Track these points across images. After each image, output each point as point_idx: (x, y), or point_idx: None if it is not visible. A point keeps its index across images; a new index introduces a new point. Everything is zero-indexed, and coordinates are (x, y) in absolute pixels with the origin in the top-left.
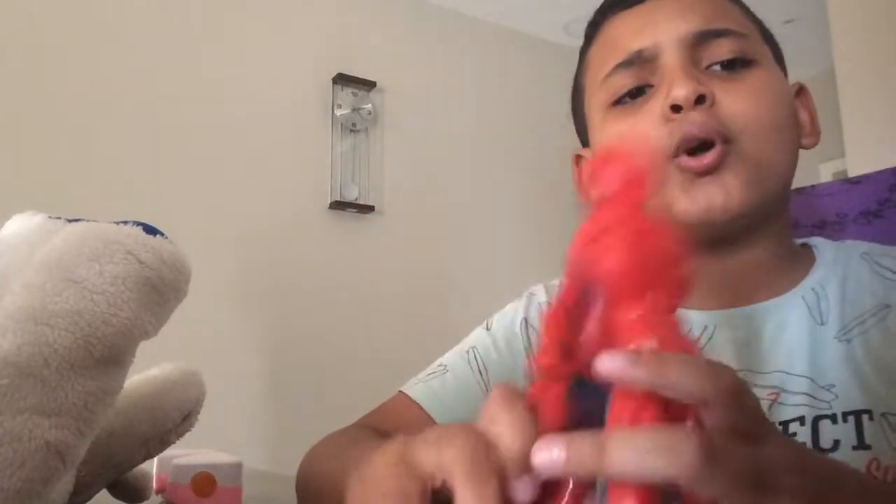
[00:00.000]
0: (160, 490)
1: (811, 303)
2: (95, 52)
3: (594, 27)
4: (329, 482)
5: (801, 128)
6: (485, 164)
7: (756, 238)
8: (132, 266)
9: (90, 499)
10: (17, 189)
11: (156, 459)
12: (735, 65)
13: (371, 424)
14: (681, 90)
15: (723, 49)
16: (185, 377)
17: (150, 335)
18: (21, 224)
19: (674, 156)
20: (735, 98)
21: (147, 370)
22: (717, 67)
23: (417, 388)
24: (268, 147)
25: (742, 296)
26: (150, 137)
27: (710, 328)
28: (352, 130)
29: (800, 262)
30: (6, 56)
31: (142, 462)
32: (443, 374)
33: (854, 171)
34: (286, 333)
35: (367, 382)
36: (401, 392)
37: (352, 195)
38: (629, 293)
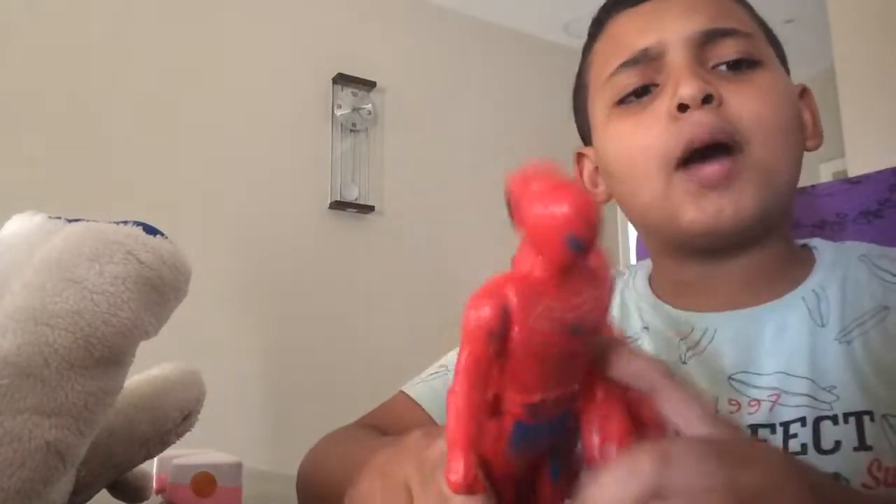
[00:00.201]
0: (160, 490)
1: (811, 304)
2: (95, 52)
3: (598, 25)
4: (330, 483)
5: (805, 129)
6: (485, 164)
7: (759, 243)
8: (132, 266)
9: (90, 499)
10: (17, 189)
11: (156, 459)
12: (741, 65)
13: (372, 424)
14: (688, 89)
15: (729, 49)
16: (185, 377)
17: (150, 335)
18: (21, 224)
19: (681, 159)
20: (743, 99)
21: (147, 370)
22: (724, 67)
23: (418, 388)
24: (268, 147)
25: (743, 298)
26: (151, 137)
27: (711, 330)
28: (352, 130)
29: (800, 264)
30: (6, 56)
31: (142, 462)
32: (444, 375)
33: (854, 171)
34: (286, 333)
35: (367, 382)
36: (401, 392)
37: (352, 195)
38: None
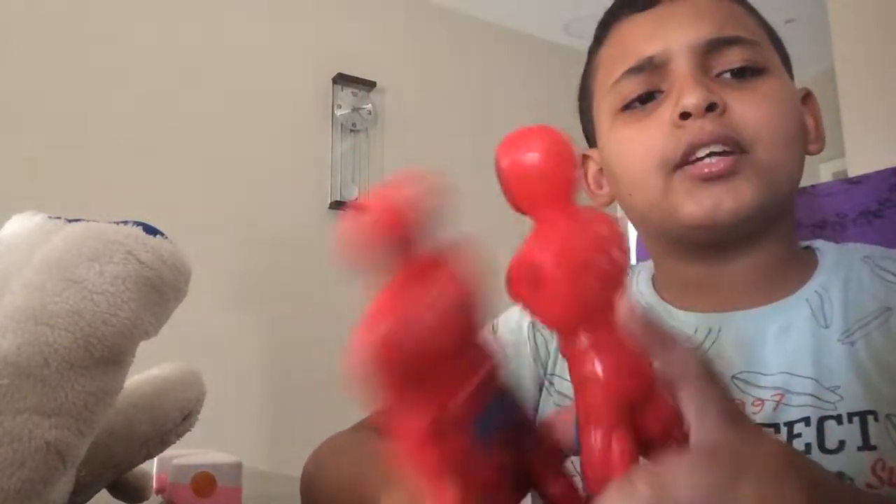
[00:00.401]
0: (160, 490)
1: (815, 306)
2: (96, 52)
3: (604, 28)
4: (334, 491)
5: (808, 134)
6: (485, 164)
7: (761, 243)
8: (132, 266)
9: (90, 499)
10: (18, 189)
11: (156, 459)
12: (745, 73)
13: (376, 424)
14: (691, 98)
15: (734, 57)
16: (185, 377)
17: (150, 335)
18: (21, 224)
19: (681, 160)
20: (747, 107)
21: (147, 370)
22: (728, 75)
23: None
24: (268, 147)
25: (746, 299)
26: (151, 137)
27: (715, 330)
28: (352, 130)
29: (803, 265)
30: (6, 56)
31: (142, 462)
32: None
33: (854, 171)
34: (286, 333)
35: None
36: None
37: (352, 195)
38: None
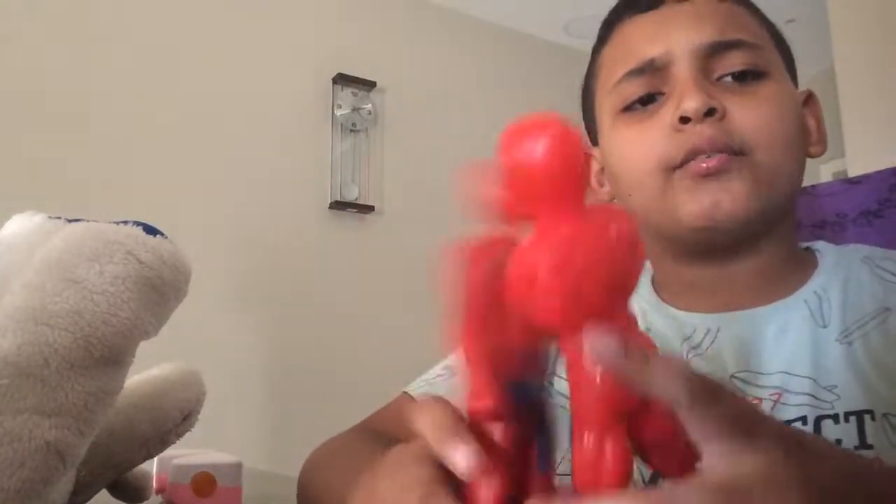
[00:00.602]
0: (160, 490)
1: (813, 306)
2: (96, 52)
3: (607, 28)
4: (323, 494)
5: (809, 136)
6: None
7: (761, 244)
8: (132, 266)
9: (90, 499)
10: (18, 189)
11: (156, 459)
12: (746, 77)
13: (374, 426)
14: (691, 103)
15: (735, 61)
16: (185, 377)
17: (150, 335)
18: (21, 224)
19: (681, 163)
20: (746, 112)
21: (147, 370)
22: (729, 79)
23: (422, 391)
24: (268, 147)
25: (745, 299)
26: (150, 137)
27: (714, 330)
28: (352, 130)
29: (802, 266)
30: (6, 56)
31: (142, 462)
32: (449, 379)
33: (854, 171)
34: (286, 333)
35: (368, 383)
36: (404, 393)
37: (352, 195)
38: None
